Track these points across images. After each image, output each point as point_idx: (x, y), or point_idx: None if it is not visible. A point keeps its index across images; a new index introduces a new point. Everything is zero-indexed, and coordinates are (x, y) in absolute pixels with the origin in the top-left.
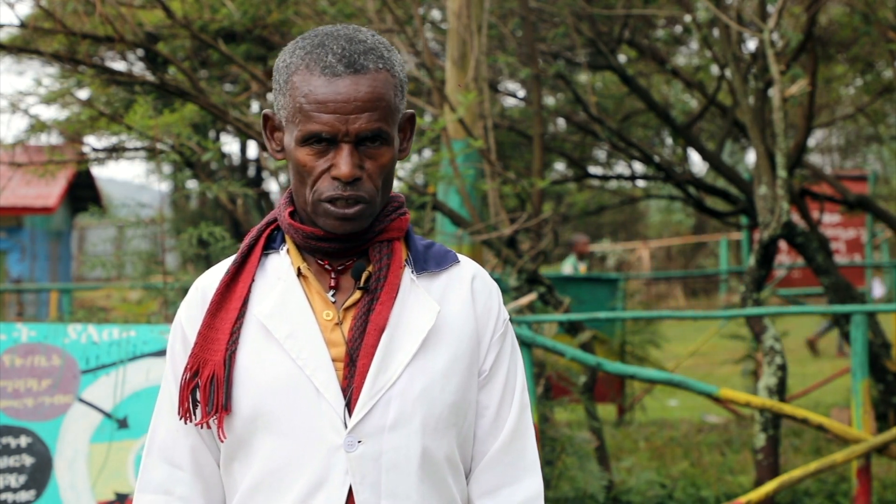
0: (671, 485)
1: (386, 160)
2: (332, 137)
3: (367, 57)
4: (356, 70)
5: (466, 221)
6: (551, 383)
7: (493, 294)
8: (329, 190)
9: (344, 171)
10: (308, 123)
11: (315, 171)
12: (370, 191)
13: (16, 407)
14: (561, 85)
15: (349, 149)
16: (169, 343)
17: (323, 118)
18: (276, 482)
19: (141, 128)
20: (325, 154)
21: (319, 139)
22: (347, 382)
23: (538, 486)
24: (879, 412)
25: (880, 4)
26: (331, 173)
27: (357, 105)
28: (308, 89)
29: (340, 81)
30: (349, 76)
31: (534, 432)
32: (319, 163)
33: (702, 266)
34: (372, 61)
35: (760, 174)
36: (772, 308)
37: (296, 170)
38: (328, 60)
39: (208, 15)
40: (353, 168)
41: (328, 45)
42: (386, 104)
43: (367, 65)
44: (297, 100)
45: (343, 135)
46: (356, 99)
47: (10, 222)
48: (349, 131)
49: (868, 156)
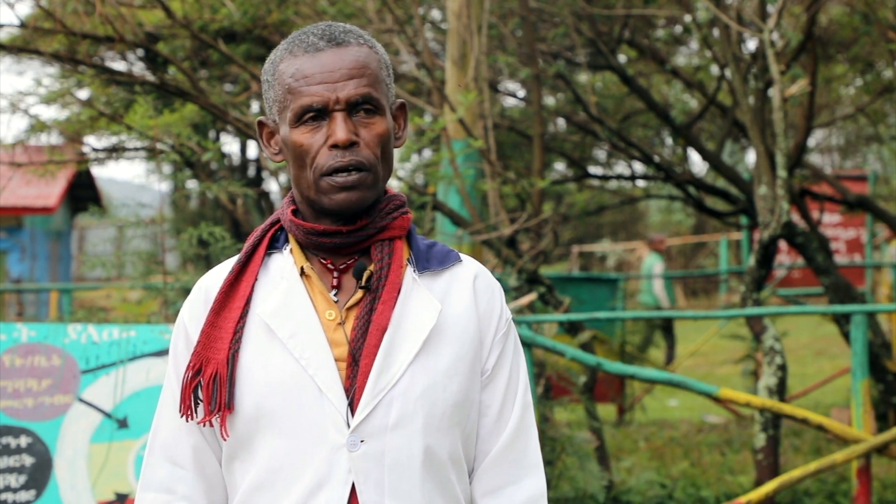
0: (671, 485)
1: (381, 129)
2: (324, 108)
3: (347, 34)
4: (338, 43)
5: (466, 221)
6: (551, 383)
7: (496, 293)
8: (329, 161)
9: (340, 136)
10: (299, 98)
11: (313, 148)
12: (369, 157)
13: (16, 407)
14: (561, 85)
15: (342, 116)
16: (171, 342)
17: (312, 90)
18: (279, 481)
19: (141, 128)
20: (319, 129)
21: (312, 113)
22: (350, 382)
23: (541, 485)
24: (879, 412)
25: (880, 4)
26: (328, 144)
27: (343, 72)
28: (294, 69)
29: (323, 55)
30: (331, 49)
31: (536, 432)
32: (316, 138)
33: (702, 266)
34: (353, 37)
35: (760, 174)
36: (772, 308)
37: (295, 155)
38: (309, 40)
39: (208, 15)
40: (349, 133)
41: (308, 31)
42: (372, 72)
43: (349, 39)
44: (286, 82)
45: (333, 103)
46: (341, 67)
47: (10, 222)
48: (339, 99)
49: (868, 156)
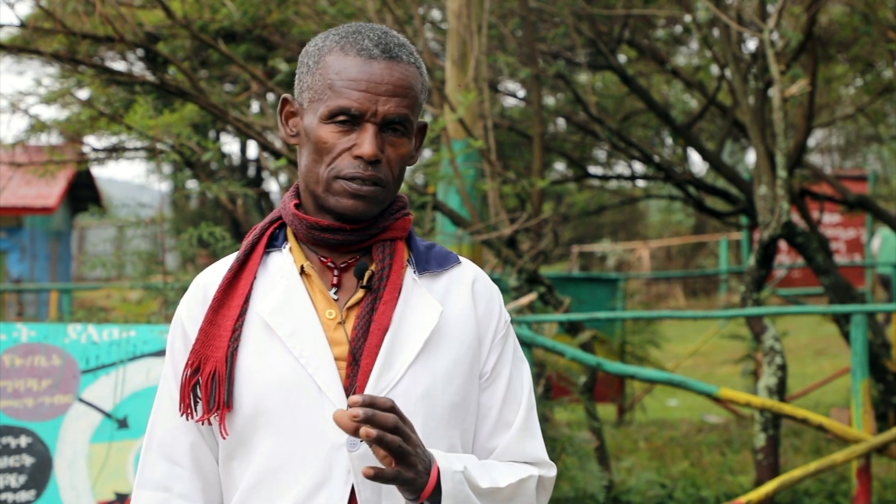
0: (671, 485)
1: (404, 151)
2: (360, 115)
3: (401, 49)
4: (391, 57)
5: (466, 221)
6: (551, 383)
7: (494, 297)
8: (349, 168)
9: (367, 150)
10: (338, 99)
11: (336, 149)
12: (387, 175)
13: (16, 407)
14: (561, 85)
15: (374, 130)
16: (168, 340)
17: (354, 95)
18: (277, 481)
19: (141, 128)
20: (348, 134)
21: (347, 116)
22: (350, 382)
23: (551, 473)
24: (879, 412)
25: (880, 4)
26: (352, 152)
27: (389, 88)
28: (341, 67)
29: (375, 63)
30: (384, 60)
31: (540, 433)
32: (342, 141)
33: (702, 266)
34: (406, 54)
35: (760, 174)
36: (772, 308)
37: (314, 147)
38: (364, 44)
39: (208, 15)
40: (377, 149)
41: (364, 32)
42: (414, 95)
43: (402, 55)
44: (329, 77)
45: (371, 115)
46: (389, 82)
47: (10, 222)
48: (377, 112)
49: (868, 156)
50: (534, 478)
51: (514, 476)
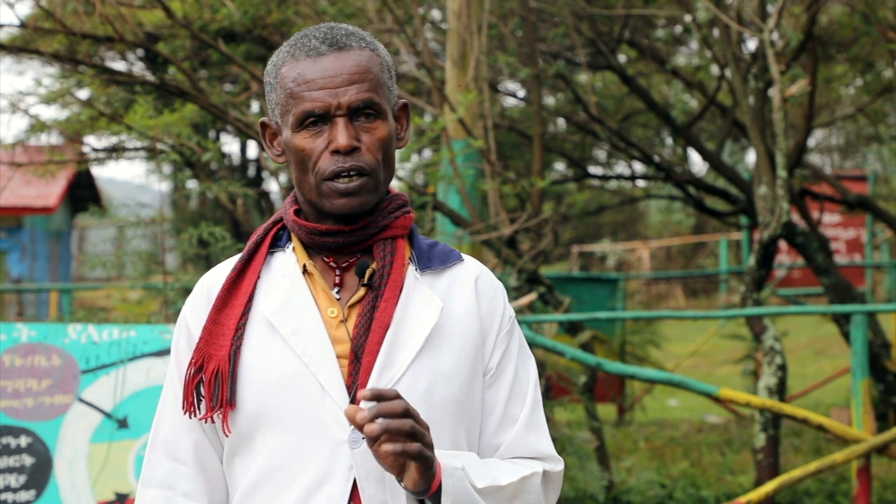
0: (671, 485)
1: (382, 134)
2: (325, 113)
3: (349, 37)
4: (340, 48)
5: (466, 221)
6: (551, 383)
7: (498, 293)
8: (330, 165)
9: (341, 141)
10: (301, 104)
11: (315, 153)
12: (370, 162)
13: (16, 407)
14: (561, 85)
15: (343, 122)
16: (173, 339)
17: (313, 95)
18: (280, 478)
19: (141, 128)
20: (321, 135)
21: (314, 118)
22: (352, 379)
23: (558, 467)
24: (879, 412)
25: (880, 4)
26: (329, 149)
27: (344, 77)
28: (296, 73)
29: (325, 59)
30: (332, 53)
31: (547, 429)
32: (318, 143)
33: (702, 266)
34: (355, 41)
35: (760, 174)
36: (772, 308)
37: (297, 159)
38: (311, 44)
39: (208, 15)
40: (350, 138)
41: (310, 34)
42: (374, 77)
43: (350, 43)
44: (288, 86)
45: (335, 108)
46: (343, 72)
47: (10, 222)
48: (340, 104)
49: (868, 156)
50: (538, 474)
51: (517, 474)
